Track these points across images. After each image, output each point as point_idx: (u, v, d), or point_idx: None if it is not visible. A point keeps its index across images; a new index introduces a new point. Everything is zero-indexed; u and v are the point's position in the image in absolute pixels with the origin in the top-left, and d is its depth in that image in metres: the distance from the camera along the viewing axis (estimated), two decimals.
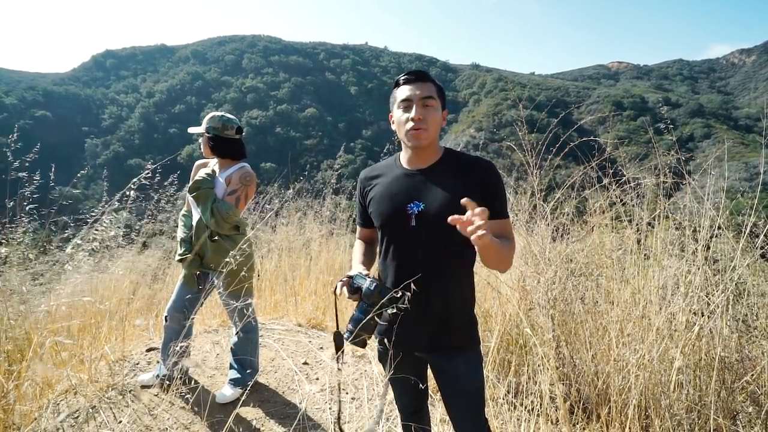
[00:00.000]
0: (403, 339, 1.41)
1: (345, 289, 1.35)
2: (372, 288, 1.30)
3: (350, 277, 1.36)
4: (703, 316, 2.07)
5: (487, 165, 1.41)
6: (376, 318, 1.29)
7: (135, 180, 2.79)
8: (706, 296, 2.14)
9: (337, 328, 1.42)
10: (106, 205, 2.94)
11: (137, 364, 2.84)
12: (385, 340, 1.41)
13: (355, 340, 1.33)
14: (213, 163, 2.53)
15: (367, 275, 1.35)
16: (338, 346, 1.42)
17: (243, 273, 2.30)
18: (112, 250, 3.56)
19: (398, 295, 1.28)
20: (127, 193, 2.79)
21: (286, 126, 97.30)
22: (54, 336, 2.41)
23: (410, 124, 1.36)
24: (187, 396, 2.32)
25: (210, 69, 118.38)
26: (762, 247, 2.19)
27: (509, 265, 1.38)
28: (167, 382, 2.42)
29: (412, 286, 1.30)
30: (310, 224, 4.75)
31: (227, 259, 2.11)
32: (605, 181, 2.74)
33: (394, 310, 1.28)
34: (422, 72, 1.40)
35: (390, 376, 1.45)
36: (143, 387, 2.50)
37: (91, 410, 2.28)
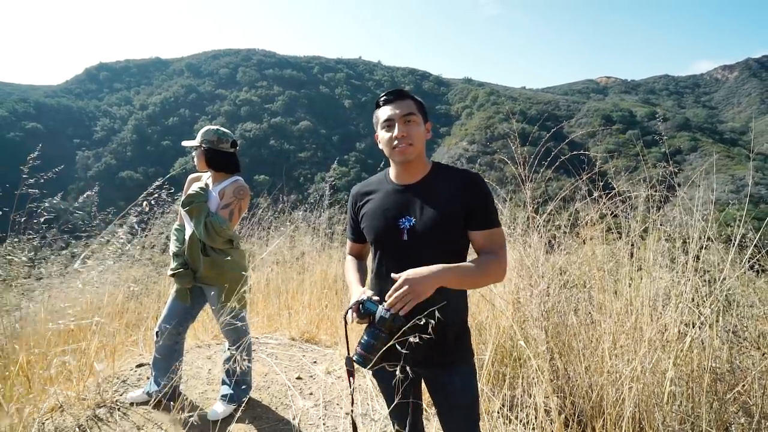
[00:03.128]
0: (398, 354, 1.40)
1: (355, 315, 1.35)
2: (386, 316, 1.29)
3: (359, 303, 1.36)
4: (694, 327, 2.09)
5: (474, 177, 1.44)
6: (397, 346, 1.30)
7: (145, 193, 2.80)
8: (697, 307, 2.16)
9: (348, 353, 1.41)
10: (116, 220, 2.93)
11: (126, 380, 2.79)
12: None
13: (369, 365, 1.32)
14: (206, 177, 2.53)
15: (377, 301, 1.35)
16: (350, 371, 1.41)
17: (243, 289, 2.29)
18: (106, 264, 3.52)
19: (409, 323, 1.29)
20: (143, 205, 2.79)
21: (280, 138, 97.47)
22: (58, 355, 2.35)
23: (395, 142, 1.40)
24: (179, 413, 2.28)
25: (204, 82, 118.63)
26: (750, 258, 2.23)
27: (496, 277, 1.40)
28: (158, 399, 2.37)
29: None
30: (304, 237, 4.74)
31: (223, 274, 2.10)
32: (596, 194, 2.79)
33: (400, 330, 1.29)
34: (400, 90, 1.45)
35: (385, 392, 1.44)
36: (133, 404, 2.45)
37: (78, 429, 2.22)
